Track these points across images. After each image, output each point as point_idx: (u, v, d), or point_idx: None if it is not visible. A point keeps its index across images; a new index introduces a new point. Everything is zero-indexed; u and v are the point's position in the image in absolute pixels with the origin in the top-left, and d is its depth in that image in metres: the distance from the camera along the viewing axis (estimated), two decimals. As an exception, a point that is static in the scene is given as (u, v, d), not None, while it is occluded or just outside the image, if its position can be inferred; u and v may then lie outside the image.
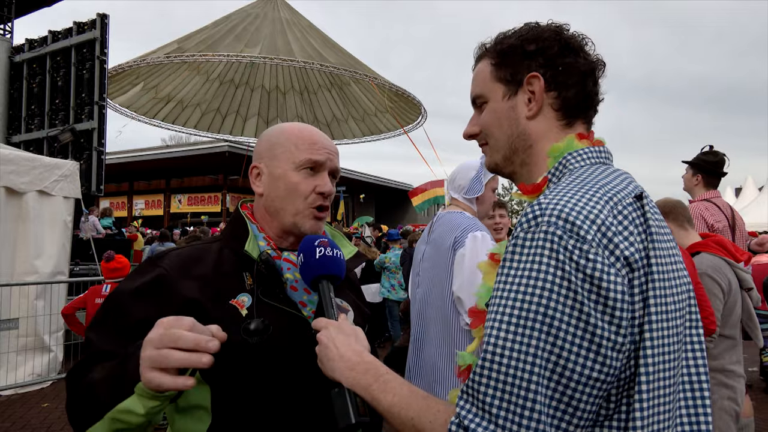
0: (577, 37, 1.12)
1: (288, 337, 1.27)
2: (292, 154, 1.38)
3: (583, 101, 1.11)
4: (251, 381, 1.23)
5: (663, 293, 0.89)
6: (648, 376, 0.86)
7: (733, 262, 2.93)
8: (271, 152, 1.41)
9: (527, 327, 0.84)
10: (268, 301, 1.28)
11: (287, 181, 1.37)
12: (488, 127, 1.17)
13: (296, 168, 1.38)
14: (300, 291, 1.35)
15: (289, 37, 26.49)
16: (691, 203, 4.13)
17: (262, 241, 1.38)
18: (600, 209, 0.88)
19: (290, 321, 1.29)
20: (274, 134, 1.45)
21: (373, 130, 32.83)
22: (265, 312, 1.26)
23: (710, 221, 3.90)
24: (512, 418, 0.82)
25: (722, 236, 3.20)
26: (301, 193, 1.37)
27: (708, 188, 4.12)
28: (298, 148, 1.39)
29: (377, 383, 1.02)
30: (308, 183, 1.38)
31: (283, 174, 1.38)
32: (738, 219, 4.09)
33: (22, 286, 6.66)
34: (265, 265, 1.30)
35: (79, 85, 9.37)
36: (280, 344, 1.25)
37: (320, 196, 1.39)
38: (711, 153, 4.10)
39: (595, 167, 1.04)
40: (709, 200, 4.04)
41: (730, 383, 2.82)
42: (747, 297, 2.97)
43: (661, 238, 0.93)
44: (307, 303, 1.35)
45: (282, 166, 1.39)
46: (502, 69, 1.14)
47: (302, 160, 1.37)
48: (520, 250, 0.89)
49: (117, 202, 31.87)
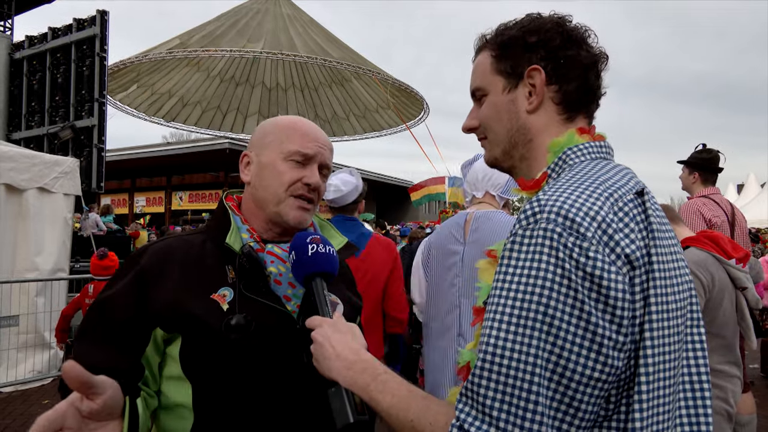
0: (580, 29, 1.09)
1: (272, 332, 1.25)
2: (281, 143, 1.36)
3: (585, 95, 1.09)
4: (234, 377, 1.21)
5: (664, 291, 0.87)
6: (648, 376, 0.84)
7: (724, 259, 2.87)
8: (261, 141, 1.40)
9: (527, 326, 0.82)
10: (250, 295, 1.26)
11: (273, 170, 1.36)
12: (488, 120, 1.15)
13: (284, 158, 1.35)
14: (284, 285, 1.32)
15: (292, 32, 26.48)
16: (688, 200, 4.16)
17: (245, 233, 1.35)
18: (600, 206, 0.86)
19: (274, 316, 1.27)
20: (268, 125, 1.44)
21: (374, 126, 32.81)
22: (248, 306, 1.24)
23: (708, 216, 3.90)
24: (513, 420, 0.80)
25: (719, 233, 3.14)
26: (285, 182, 1.34)
27: (706, 185, 4.15)
28: (288, 138, 1.37)
29: (375, 383, 1.00)
30: (294, 173, 1.35)
31: (270, 162, 1.36)
32: (738, 215, 4.08)
33: (22, 283, 6.66)
34: (247, 258, 1.27)
35: (79, 82, 9.35)
36: (263, 339, 1.23)
37: (306, 186, 1.36)
38: (705, 151, 4.18)
39: (595, 162, 1.01)
40: (707, 196, 4.05)
41: (719, 383, 2.77)
42: (741, 296, 2.91)
43: (663, 235, 0.91)
44: (291, 297, 1.32)
45: (270, 155, 1.37)
46: (502, 61, 1.11)
47: (291, 151, 1.35)
48: (519, 248, 0.87)
49: (118, 199, 31.85)
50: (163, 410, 1.27)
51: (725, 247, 2.95)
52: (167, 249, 1.31)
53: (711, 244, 2.94)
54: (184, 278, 1.25)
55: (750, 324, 2.92)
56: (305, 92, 32.06)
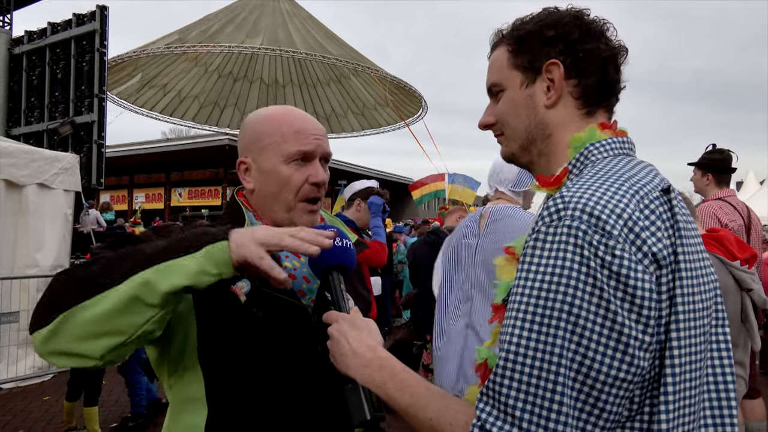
0: (598, 22, 1.08)
1: (288, 326, 1.25)
2: (279, 146, 1.33)
3: (605, 89, 1.07)
4: (250, 370, 1.21)
5: (691, 291, 0.86)
6: (675, 377, 0.83)
7: (728, 261, 2.86)
8: (257, 145, 1.36)
9: (551, 325, 0.80)
10: (266, 290, 1.25)
11: (277, 176, 1.33)
12: (505, 116, 1.13)
13: (285, 161, 1.32)
14: (299, 279, 1.32)
15: (290, 28, 26.37)
16: (704, 202, 4.05)
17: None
18: (626, 203, 0.84)
19: (290, 310, 1.27)
20: (257, 124, 1.39)
21: (373, 124, 32.73)
22: (264, 300, 1.24)
23: (724, 220, 3.80)
24: (537, 420, 0.78)
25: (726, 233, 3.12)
26: (293, 187, 1.32)
27: (721, 186, 4.03)
28: (285, 139, 1.33)
29: (393, 381, 0.99)
30: (300, 174, 1.33)
31: (273, 168, 1.33)
32: (754, 218, 4.00)
33: (22, 280, 6.65)
34: None
35: (79, 77, 9.29)
36: (279, 333, 1.23)
37: (314, 187, 1.34)
38: (716, 151, 4.04)
39: (618, 159, 0.99)
40: (723, 199, 3.95)
41: None
42: (746, 297, 2.90)
43: (689, 233, 0.89)
44: (306, 292, 1.32)
45: (271, 159, 1.33)
46: (519, 56, 1.09)
47: (292, 153, 1.32)
48: (542, 245, 0.85)
49: (117, 196, 31.75)
50: (176, 406, 1.26)
51: (730, 247, 2.93)
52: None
53: (716, 245, 2.93)
54: None
55: (755, 325, 2.92)
56: (304, 89, 31.93)
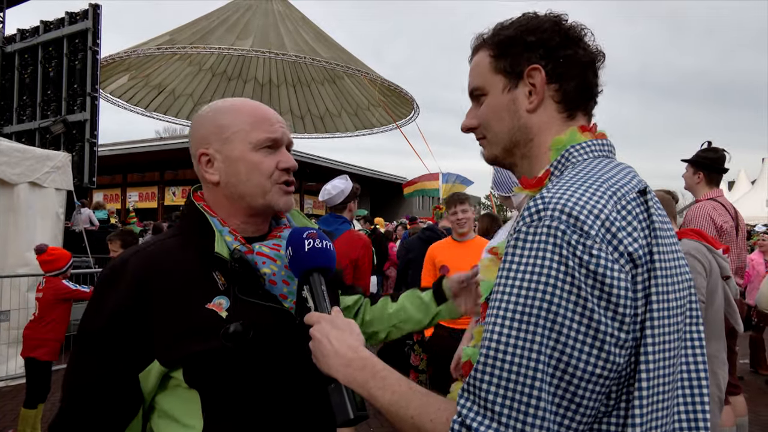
0: (577, 28, 1.10)
1: (274, 332, 1.25)
2: (247, 134, 1.31)
3: (584, 93, 1.10)
4: (241, 382, 1.20)
5: (665, 290, 0.88)
6: (648, 373, 0.85)
7: (713, 248, 3.01)
8: (221, 135, 1.33)
9: (530, 323, 0.83)
10: (247, 299, 1.24)
11: (248, 163, 1.31)
12: (488, 120, 1.15)
13: (254, 148, 1.31)
14: (279, 284, 1.31)
15: (282, 30, 26.35)
16: (697, 202, 4.05)
17: (228, 236, 1.31)
18: (604, 204, 0.87)
19: (274, 315, 1.26)
20: (219, 114, 1.36)
21: (366, 124, 32.78)
22: (247, 310, 1.22)
23: (719, 222, 3.81)
24: (516, 416, 0.81)
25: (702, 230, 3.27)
26: (264, 171, 1.31)
27: (711, 186, 4.02)
28: (253, 127, 1.32)
29: (374, 380, 1.01)
30: (270, 160, 1.33)
31: (241, 156, 1.31)
32: (740, 219, 4.04)
33: (13, 278, 6.63)
34: (240, 264, 1.24)
35: (72, 75, 9.29)
36: (267, 340, 1.23)
37: (284, 172, 1.34)
38: (711, 150, 4.02)
39: (598, 161, 1.02)
40: (715, 199, 3.95)
41: (714, 370, 2.90)
42: (726, 285, 3.05)
43: (664, 234, 0.92)
44: (287, 295, 1.31)
45: (238, 147, 1.31)
46: (501, 61, 1.11)
47: (261, 140, 1.31)
48: (522, 245, 0.87)
49: (110, 195, 31.57)
50: (168, 421, 1.24)
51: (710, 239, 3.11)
52: (149, 260, 1.25)
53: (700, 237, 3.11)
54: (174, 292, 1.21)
55: (736, 309, 3.09)
56: (298, 88, 31.94)
